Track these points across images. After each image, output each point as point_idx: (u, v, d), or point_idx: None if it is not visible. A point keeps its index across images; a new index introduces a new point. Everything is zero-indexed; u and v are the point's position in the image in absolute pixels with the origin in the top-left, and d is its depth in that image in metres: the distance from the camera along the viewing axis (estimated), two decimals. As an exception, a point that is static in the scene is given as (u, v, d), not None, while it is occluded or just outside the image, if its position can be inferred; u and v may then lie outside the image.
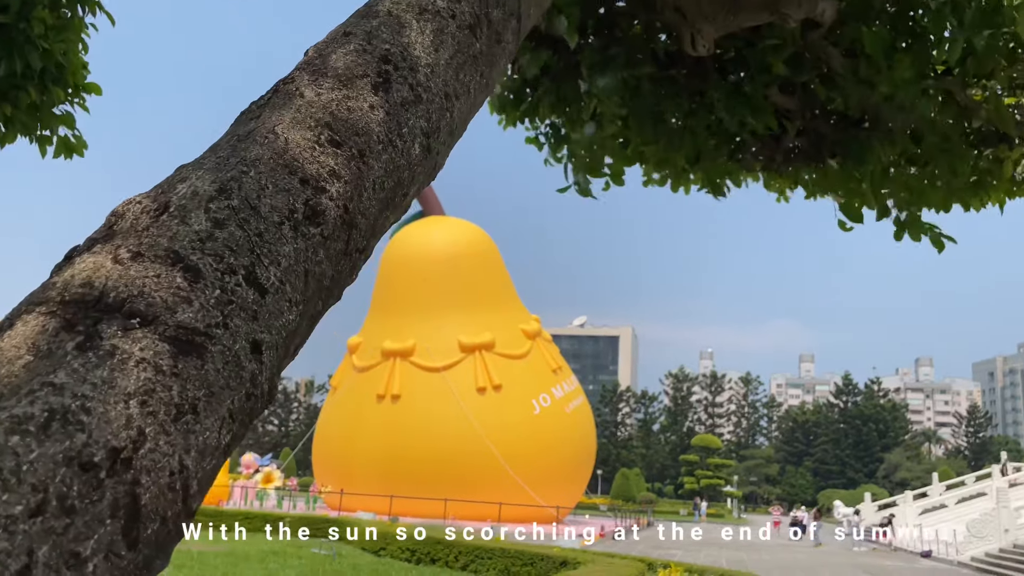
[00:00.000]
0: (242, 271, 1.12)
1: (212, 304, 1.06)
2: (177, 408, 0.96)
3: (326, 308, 1.38)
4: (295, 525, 24.89)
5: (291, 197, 1.25)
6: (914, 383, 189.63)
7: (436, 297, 41.28)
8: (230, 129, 1.36)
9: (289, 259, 1.20)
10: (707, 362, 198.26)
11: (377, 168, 1.41)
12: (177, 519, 0.95)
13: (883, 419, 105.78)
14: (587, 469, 43.79)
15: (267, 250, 1.17)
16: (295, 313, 1.20)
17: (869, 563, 30.73)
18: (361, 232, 1.37)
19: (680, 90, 4.32)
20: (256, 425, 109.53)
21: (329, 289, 1.33)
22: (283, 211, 1.22)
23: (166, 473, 0.92)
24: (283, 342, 1.18)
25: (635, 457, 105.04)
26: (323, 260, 1.28)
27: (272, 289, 1.16)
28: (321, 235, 1.27)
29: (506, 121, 4.94)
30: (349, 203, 1.33)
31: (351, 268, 1.40)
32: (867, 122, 4.56)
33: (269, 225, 1.19)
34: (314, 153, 1.32)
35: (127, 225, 1.12)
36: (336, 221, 1.30)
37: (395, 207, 1.50)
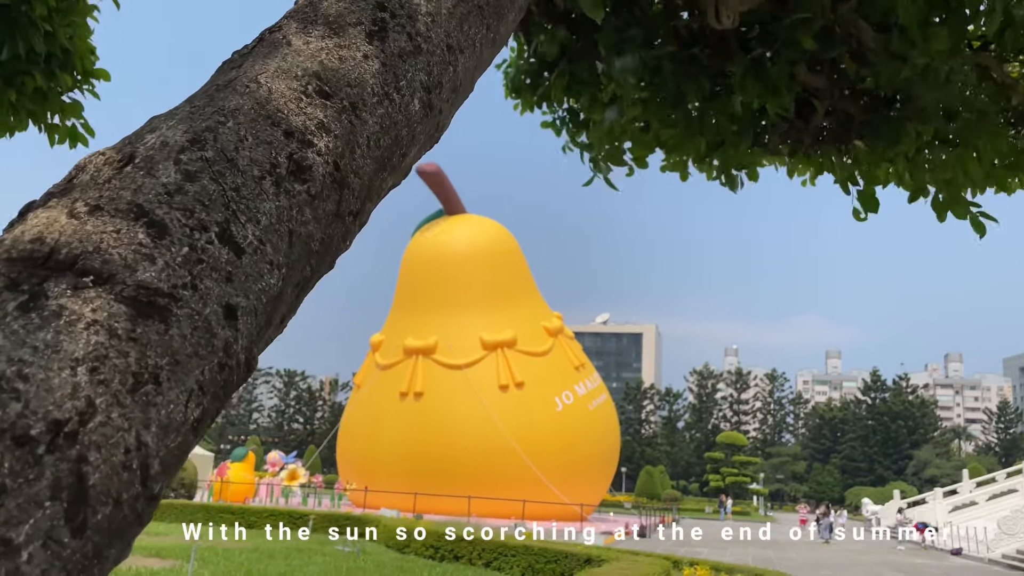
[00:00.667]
0: (215, 228, 1.01)
1: (179, 263, 0.95)
2: (135, 377, 0.85)
3: (316, 276, 1.25)
4: (320, 522, 24.93)
5: (273, 150, 1.13)
6: (943, 379, 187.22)
7: (458, 295, 41.25)
8: (210, 79, 1.24)
9: (270, 217, 1.08)
10: (732, 359, 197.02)
11: (371, 123, 1.28)
12: (135, 502, 0.83)
13: (912, 416, 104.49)
14: (611, 466, 43.57)
15: (244, 206, 1.05)
16: (277, 277, 1.08)
17: (899, 561, 30.31)
18: (354, 193, 1.25)
19: (702, 71, 4.16)
20: (282, 423, 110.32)
21: (319, 254, 1.21)
22: (264, 165, 1.11)
23: (120, 450, 0.81)
24: (263, 308, 1.06)
25: (660, 455, 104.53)
26: (310, 220, 1.16)
27: (249, 249, 1.04)
28: (308, 193, 1.15)
29: (522, 106, 4.81)
30: (340, 159, 1.21)
31: (344, 233, 1.28)
32: (898, 102, 4.38)
33: (247, 179, 1.08)
34: (300, 104, 1.20)
35: (87, 178, 1.01)
36: (325, 178, 1.18)
37: (393, 168, 1.38)
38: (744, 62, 4.00)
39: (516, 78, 4.76)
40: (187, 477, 30.91)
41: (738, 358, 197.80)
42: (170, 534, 20.96)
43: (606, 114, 4.58)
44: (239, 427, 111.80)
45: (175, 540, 19.61)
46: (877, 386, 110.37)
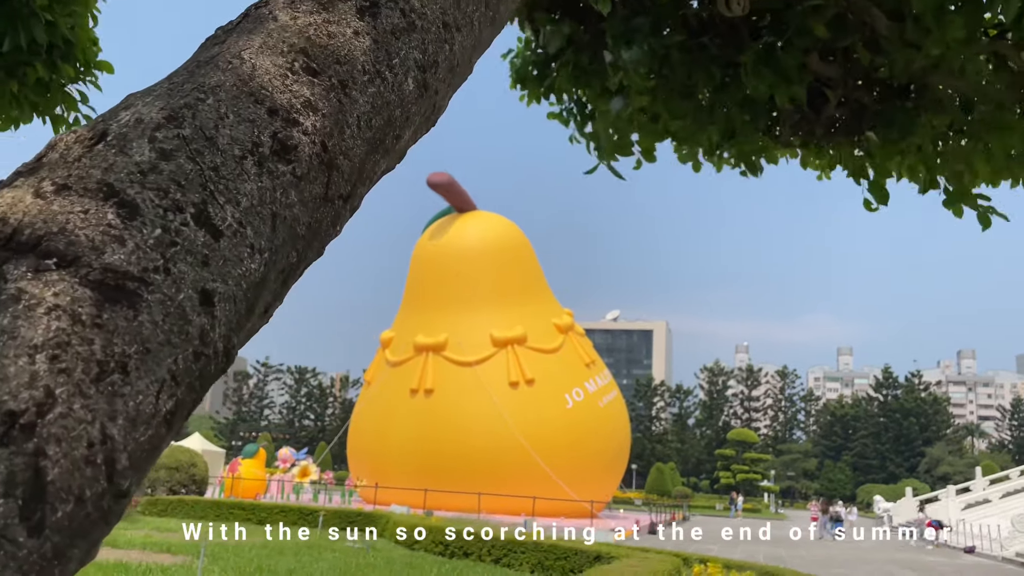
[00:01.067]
0: (191, 209, 0.95)
1: (151, 245, 0.89)
2: (99, 366, 0.79)
3: (304, 263, 1.19)
4: (330, 518, 24.95)
5: (256, 128, 1.07)
6: (956, 376, 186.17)
7: (468, 291, 41.21)
8: (192, 56, 1.19)
9: (251, 198, 1.02)
10: (743, 356, 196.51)
11: (362, 102, 1.22)
12: (100, 499, 0.78)
13: (924, 413, 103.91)
14: (621, 463, 43.49)
15: (224, 187, 1.00)
16: (259, 262, 1.02)
17: (911, 559, 30.12)
18: (344, 175, 1.19)
19: (712, 60, 4.09)
20: (292, 420, 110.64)
21: (305, 239, 1.15)
22: (245, 144, 1.05)
23: (82, 444, 0.76)
24: (244, 295, 1.00)
25: (670, 451, 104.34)
26: (295, 203, 1.10)
27: (228, 231, 0.98)
28: (293, 174, 1.09)
29: (528, 97, 4.75)
30: (327, 140, 1.15)
31: (334, 218, 1.22)
32: (913, 92, 4.29)
33: (227, 159, 1.02)
34: (286, 81, 1.14)
35: (56, 156, 0.95)
36: (312, 159, 1.12)
37: (386, 151, 1.31)
38: (756, 50, 3.92)
39: (523, 69, 4.70)
40: (198, 473, 31.00)
41: (749, 355, 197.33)
42: (181, 530, 21.01)
43: (611, 103, 4.52)
44: (250, 424, 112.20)
45: (185, 536, 19.66)
46: (889, 383, 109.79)
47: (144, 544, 17.47)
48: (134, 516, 23.07)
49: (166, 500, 26.37)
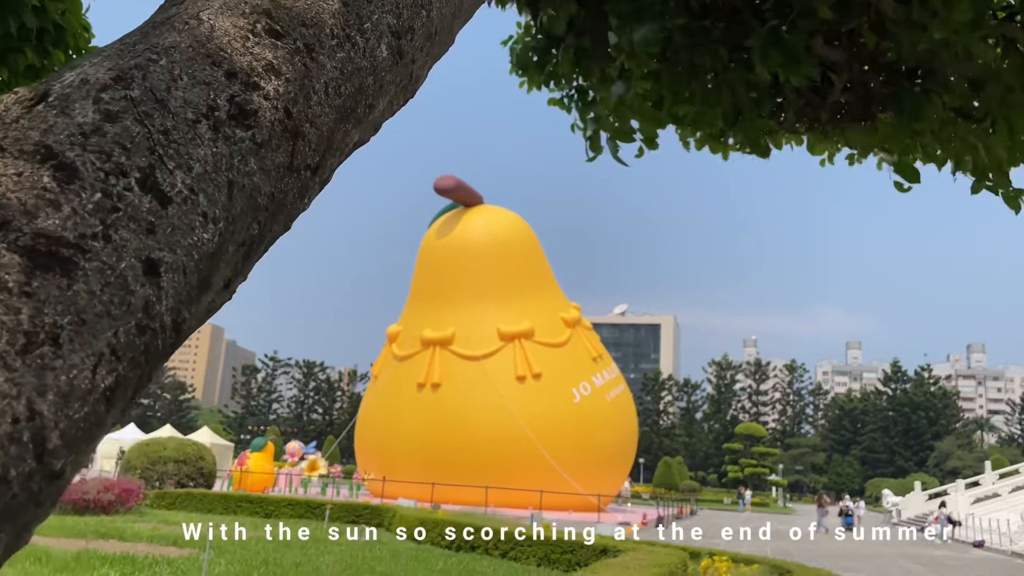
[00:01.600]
0: (136, 173, 0.89)
1: (89, 210, 0.83)
2: (27, 337, 0.73)
3: (269, 235, 1.13)
4: (337, 512, 24.95)
5: (212, 91, 1.01)
6: (966, 370, 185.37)
7: (475, 286, 41.18)
8: (148, 18, 1.13)
9: (205, 164, 0.96)
10: (751, 350, 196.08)
11: (330, 68, 1.16)
12: (28, 480, 0.72)
13: (933, 407, 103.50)
14: (629, 458, 43.44)
15: (174, 151, 0.94)
16: (212, 231, 0.96)
17: (920, 553, 30.00)
18: (311, 144, 1.13)
19: (715, 43, 4.01)
20: (301, 413, 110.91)
21: (268, 210, 1.09)
22: (200, 107, 0.99)
23: (7, 420, 0.70)
24: (195, 266, 0.94)
25: (678, 446, 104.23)
26: (256, 172, 1.04)
27: (178, 199, 0.92)
28: (252, 140, 1.03)
29: (529, 84, 4.68)
30: (292, 106, 1.09)
31: (301, 190, 1.15)
32: (920, 75, 4.20)
33: (179, 122, 0.96)
34: (247, 43, 1.07)
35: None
36: (274, 125, 1.06)
37: (358, 120, 1.25)
38: (763, 33, 3.85)
39: (523, 55, 4.63)
40: (206, 467, 31.07)
41: (757, 349, 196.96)
42: (188, 523, 21.05)
43: (613, 88, 4.44)
44: (259, 417, 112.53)
45: (195, 529, 19.69)
46: (898, 377, 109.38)
47: (151, 537, 17.49)
48: (142, 509, 23.12)
49: (174, 493, 26.43)
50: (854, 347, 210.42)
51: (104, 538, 16.68)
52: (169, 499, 25.89)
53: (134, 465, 29.71)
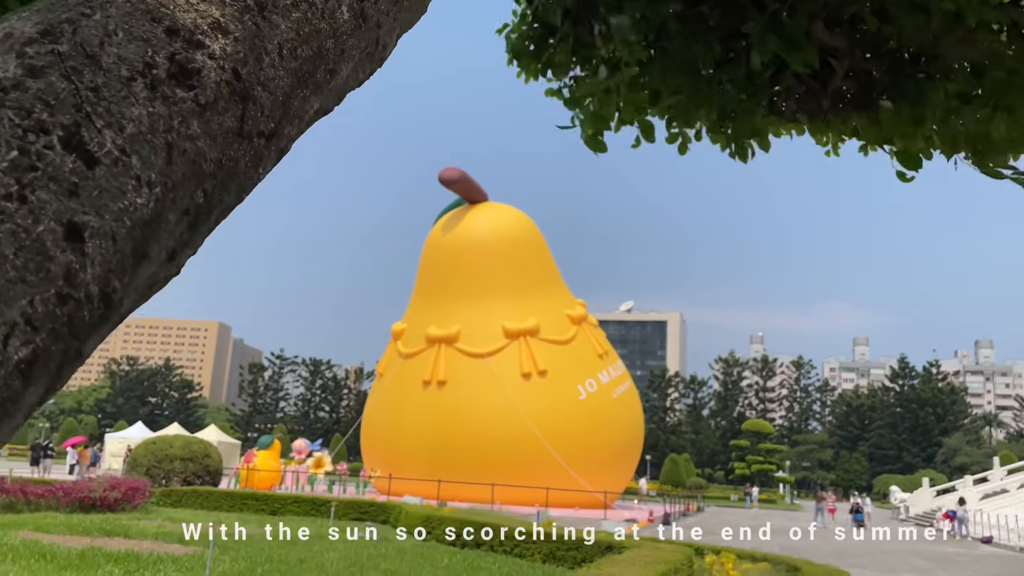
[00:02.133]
0: (59, 131, 0.83)
1: (4, 169, 0.77)
2: (-75, 303, 0.67)
3: (218, 205, 1.07)
4: (342, 509, 24.93)
5: (151, 48, 0.94)
6: (974, 366, 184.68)
7: (480, 283, 41.12)
8: (88, -24, 1.06)
9: (139, 125, 0.90)
10: (757, 346, 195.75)
11: (284, 28, 1.09)
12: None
13: (941, 403, 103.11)
14: (635, 454, 43.36)
15: (104, 109, 0.87)
16: (147, 196, 0.90)
17: (928, 550, 29.86)
18: (263, 109, 1.07)
19: (711, 32, 3.93)
20: (308, 411, 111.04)
21: (215, 177, 1.02)
22: (135, 65, 0.92)
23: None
24: (128, 233, 0.88)
25: (684, 442, 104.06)
26: (199, 135, 0.97)
27: (107, 160, 0.86)
28: (195, 101, 0.97)
29: (525, 74, 4.61)
30: (240, 67, 1.02)
31: (254, 158, 1.09)
32: (923, 62, 4.12)
33: (112, 79, 0.89)
34: (191, 0, 1.02)
35: (-93, 73, 0.84)
36: (220, 87, 1.00)
37: (317, 86, 1.18)
38: (762, 18, 3.77)
39: (518, 44, 4.56)
40: (212, 464, 31.10)
41: (764, 345, 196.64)
42: (193, 520, 21.05)
43: (599, 72, 4.36)
44: (265, 415, 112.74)
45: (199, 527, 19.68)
46: (906, 373, 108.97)
47: (156, 534, 17.48)
48: (148, 507, 23.14)
49: (180, 491, 26.45)
50: (861, 343, 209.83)
51: (109, 535, 16.68)
52: (175, 497, 25.91)
53: (140, 463, 29.75)
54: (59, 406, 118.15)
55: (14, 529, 16.30)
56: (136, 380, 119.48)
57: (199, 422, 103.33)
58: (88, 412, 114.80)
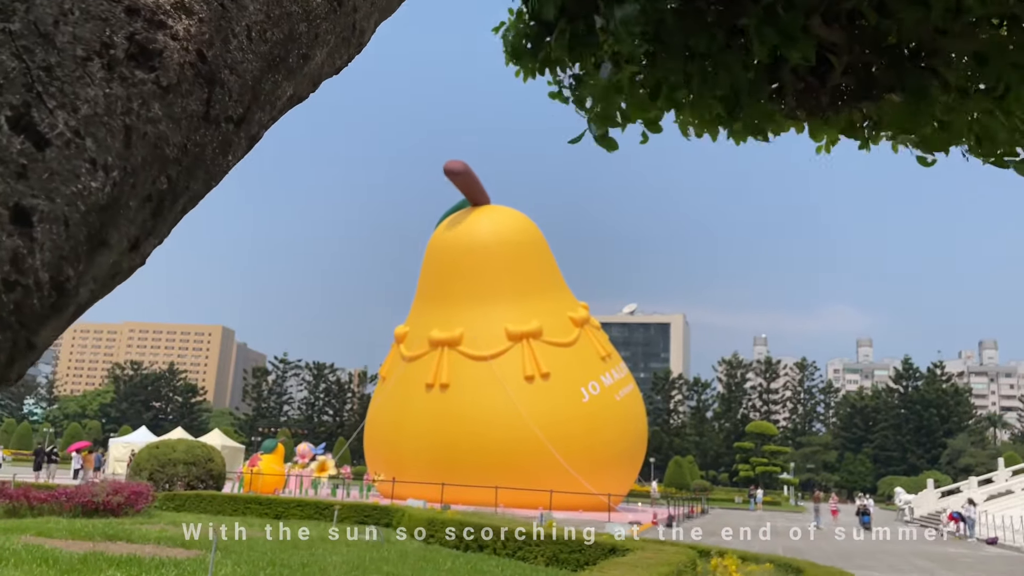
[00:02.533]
0: (7, 111, 0.79)
1: (-56, 150, 0.74)
2: None
3: (183, 193, 1.03)
4: (345, 513, 24.90)
5: (109, 28, 0.91)
6: (978, 366, 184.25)
7: (482, 286, 41.10)
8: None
9: (95, 106, 0.86)
10: (761, 348, 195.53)
11: (253, 10, 1.06)
12: None
13: (946, 404, 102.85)
14: (639, 457, 43.28)
15: (57, 89, 0.84)
16: (103, 180, 0.86)
17: (933, 551, 29.75)
18: (231, 93, 1.03)
19: (709, 26, 3.90)
20: (311, 415, 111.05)
21: (181, 164, 0.98)
22: (92, 44, 0.89)
23: None
24: (82, 218, 0.84)
25: (688, 445, 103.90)
26: (161, 119, 0.94)
27: (59, 141, 0.82)
28: (157, 83, 0.93)
29: (523, 73, 4.57)
30: (206, 49, 0.99)
31: (222, 144, 1.05)
32: (923, 56, 4.08)
33: (66, 59, 0.86)
34: (154, -21, 0.98)
35: None
36: (184, 69, 0.96)
37: (290, 71, 1.14)
38: (759, 12, 3.74)
39: (516, 42, 4.52)
40: (215, 468, 31.07)
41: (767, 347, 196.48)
42: (196, 524, 21.03)
43: (600, 70, 4.32)
44: (269, 419, 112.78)
45: (200, 531, 19.66)
46: (909, 374, 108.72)
47: (158, 539, 17.46)
48: (151, 511, 23.12)
49: (183, 495, 26.43)
50: (865, 344, 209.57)
51: (112, 540, 16.66)
52: (178, 501, 25.90)
53: (143, 467, 29.75)
54: (63, 411, 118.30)
55: (16, 534, 16.28)
56: (140, 385, 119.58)
57: (203, 426, 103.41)
58: (92, 417, 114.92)
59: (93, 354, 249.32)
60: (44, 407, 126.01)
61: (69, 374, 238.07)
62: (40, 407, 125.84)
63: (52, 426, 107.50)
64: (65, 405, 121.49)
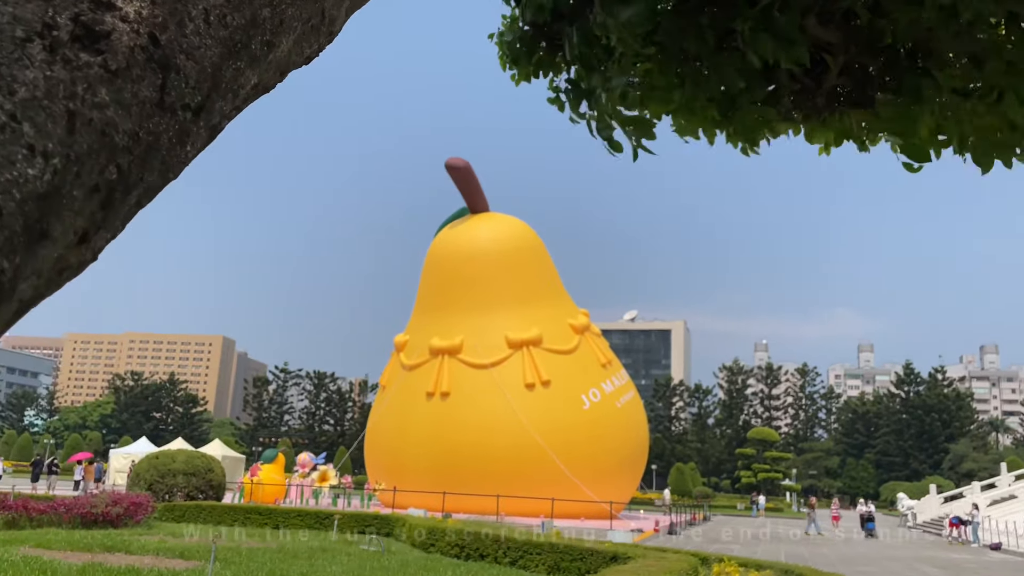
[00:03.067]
0: None
1: None
2: None
3: (136, 184, 0.97)
4: (346, 522, 24.80)
5: (51, 8, 0.86)
6: (979, 371, 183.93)
7: (482, 293, 41.05)
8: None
9: (33, 89, 0.82)
10: (762, 354, 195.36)
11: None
12: None
13: (947, 409, 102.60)
14: (640, 464, 43.15)
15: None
16: (42, 168, 0.81)
17: (936, 556, 29.61)
18: (188, 80, 0.98)
19: (703, 28, 3.86)
20: (312, 425, 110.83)
21: (132, 152, 0.93)
22: (32, 24, 0.84)
23: None
24: (18, 207, 0.79)
25: (690, 451, 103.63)
26: (108, 104, 0.89)
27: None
28: (104, 67, 0.88)
29: (518, 76, 4.53)
30: (159, 32, 0.94)
31: (179, 133, 1.00)
32: (920, 57, 4.04)
33: (3, 39, 0.81)
34: (102, -41, 0.93)
35: None
36: (134, 53, 0.91)
37: (253, 58, 1.09)
38: (753, 14, 3.70)
39: (511, 46, 4.49)
40: (215, 479, 30.96)
41: (768, 353, 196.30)
42: (195, 535, 20.94)
43: (613, 82, 4.28)
44: (270, 429, 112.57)
45: (199, 541, 19.56)
46: (911, 379, 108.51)
47: (157, 550, 17.37)
48: (150, 522, 23.02)
49: (183, 506, 26.33)
50: (866, 350, 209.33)
51: (110, 551, 16.58)
52: (178, 512, 25.79)
53: (143, 478, 29.64)
54: (64, 422, 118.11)
55: (15, 545, 16.20)
56: (140, 395, 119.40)
57: (204, 436, 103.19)
58: (93, 428, 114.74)
59: (94, 365, 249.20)
60: (45, 418, 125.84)
61: (69, 385, 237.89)
62: (41, 418, 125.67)
63: (53, 437, 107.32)
64: (66, 416, 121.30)
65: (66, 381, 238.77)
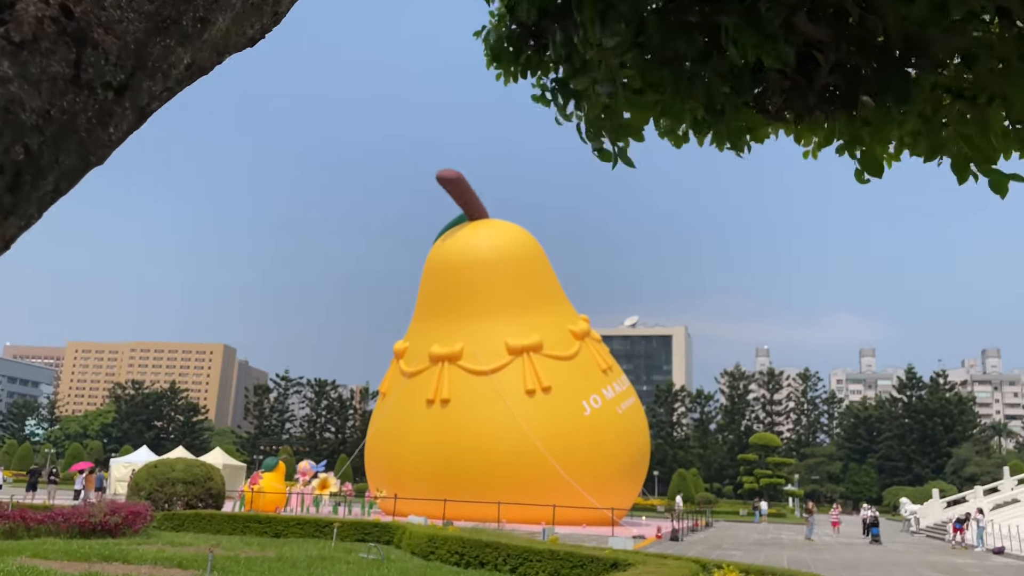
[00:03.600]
0: None
1: None
2: None
3: (49, 166, 0.91)
4: (345, 530, 24.68)
5: None
6: (981, 375, 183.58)
7: (482, 300, 40.98)
8: None
9: None
10: (763, 359, 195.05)
11: None
12: None
13: (949, 413, 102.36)
14: (641, 470, 43.01)
15: None
16: None
17: (939, 561, 29.45)
18: (108, 56, 0.92)
19: (691, 26, 3.80)
20: (313, 432, 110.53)
21: (43, 132, 0.87)
22: None
23: None
24: None
25: (692, 457, 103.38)
26: (12, 79, 0.82)
27: None
28: (7, 38, 0.82)
29: (504, 76, 4.48)
30: (73, 4, 0.88)
31: (99, 113, 0.93)
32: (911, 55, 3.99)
33: None
34: (8, -74, 0.87)
35: None
36: (43, 24, 0.85)
37: (185, 37, 1.02)
38: (737, 11, 3.64)
39: (496, 45, 4.43)
40: (215, 487, 30.85)
41: (770, 358, 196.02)
42: (194, 544, 20.83)
43: (599, 88, 4.23)
44: (271, 437, 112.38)
45: (198, 550, 19.46)
46: (913, 383, 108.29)
47: (155, 559, 17.27)
48: (149, 531, 22.92)
49: (182, 514, 26.22)
50: (868, 354, 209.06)
51: (108, 561, 16.48)
52: (177, 520, 25.68)
53: (142, 487, 29.54)
54: (64, 431, 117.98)
55: (12, 555, 16.11)
56: (141, 404, 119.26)
57: (205, 445, 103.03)
58: (94, 437, 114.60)
59: (95, 374, 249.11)
60: (46, 428, 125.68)
61: (70, 394, 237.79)
62: (42, 428, 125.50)
63: (54, 447, 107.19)
64: (66, 425, 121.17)
65: (67, 390, 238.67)
